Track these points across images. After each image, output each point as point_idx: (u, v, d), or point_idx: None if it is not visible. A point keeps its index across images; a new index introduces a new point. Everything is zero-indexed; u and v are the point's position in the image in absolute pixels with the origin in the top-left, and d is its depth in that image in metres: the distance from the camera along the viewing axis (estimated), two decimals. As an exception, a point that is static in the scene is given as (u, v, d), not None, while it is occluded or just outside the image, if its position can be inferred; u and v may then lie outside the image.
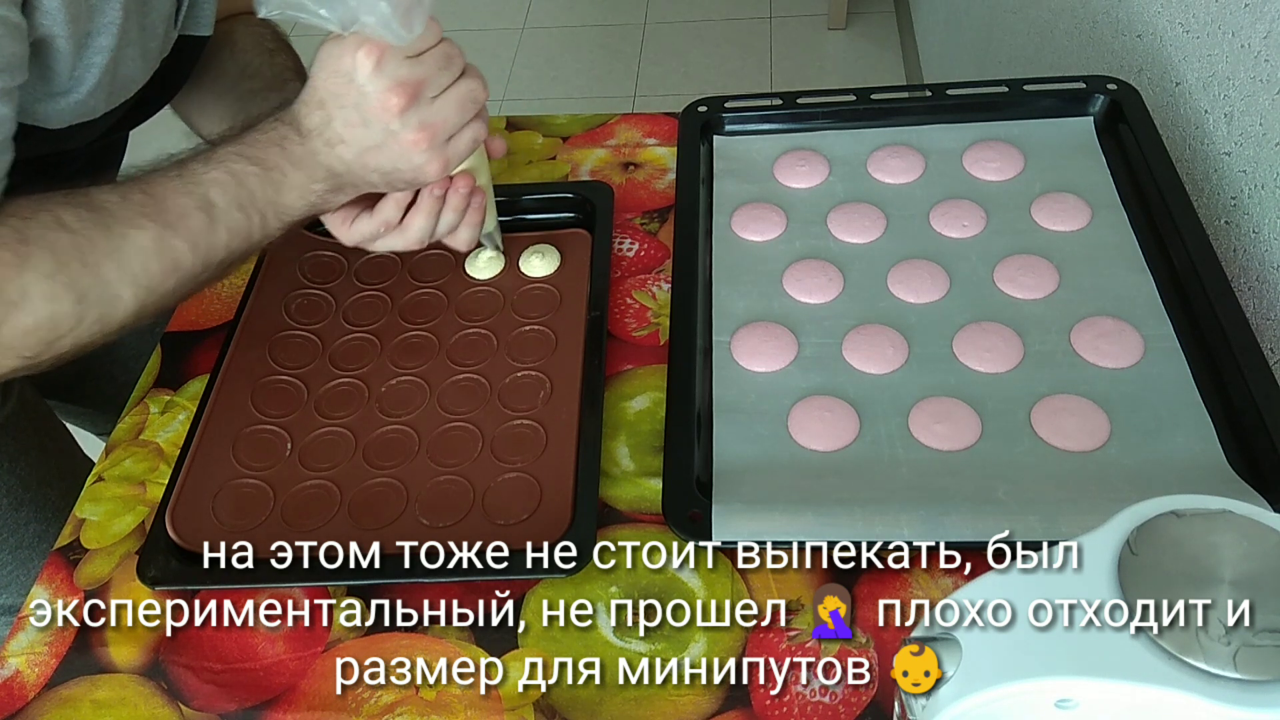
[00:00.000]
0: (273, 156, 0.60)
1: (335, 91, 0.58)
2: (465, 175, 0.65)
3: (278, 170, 0.60)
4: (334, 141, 0.59)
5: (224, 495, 0.66)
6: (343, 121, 0.59)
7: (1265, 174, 0.71)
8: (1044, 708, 0.38)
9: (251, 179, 0.59)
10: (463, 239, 0.68)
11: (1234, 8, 0.74)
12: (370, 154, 0.59)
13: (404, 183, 0.62)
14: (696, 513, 0.59)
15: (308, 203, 0.62)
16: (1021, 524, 0.56)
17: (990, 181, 0.79)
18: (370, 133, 0.59)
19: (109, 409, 1.01)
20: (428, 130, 0.59)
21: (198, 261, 0.59)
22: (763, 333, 0.70)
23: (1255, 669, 0.34)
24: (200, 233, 0.58)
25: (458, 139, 0.61)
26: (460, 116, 0.60)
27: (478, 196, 0.67)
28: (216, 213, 0.59)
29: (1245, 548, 0.37)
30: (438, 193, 0.64)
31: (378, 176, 0.61)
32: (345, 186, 0.62)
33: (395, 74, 0.57)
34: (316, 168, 0.60)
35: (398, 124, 0.58)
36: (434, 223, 0.65)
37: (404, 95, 0.57)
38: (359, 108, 0.58)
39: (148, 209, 0.57)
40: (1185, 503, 0.39)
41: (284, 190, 0.60)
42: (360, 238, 0.66)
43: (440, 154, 0.60)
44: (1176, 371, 0.64)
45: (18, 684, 0.59)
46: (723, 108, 0.85)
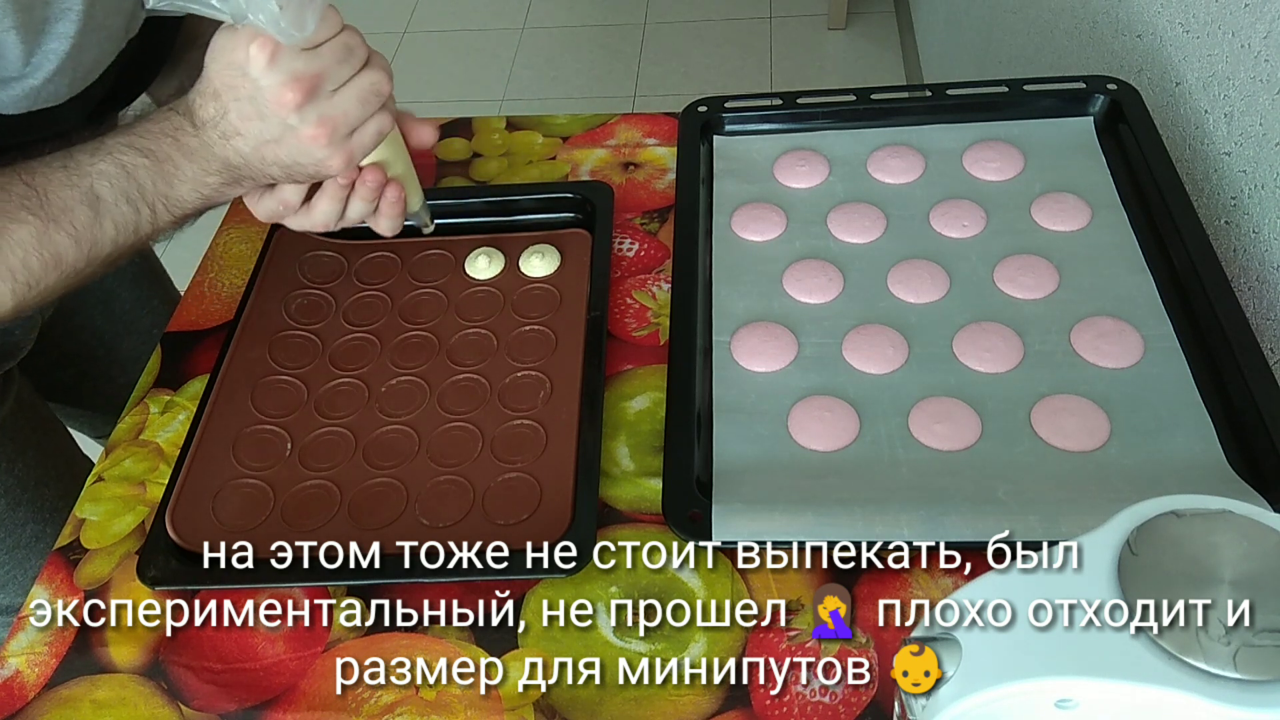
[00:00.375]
0: (164, 148, 0.58)
1: (229, 84, 0.56)
2: (374, 169, 0.63)
3: (169, 162, 0.58)
4: (229, 134, 0.57)
5: (224, 495, 0.66)
6: (238, 114, 0.57)
7: (1265, 174, 0.71)
8: (1044, 708, 0.38)
9: (141, 171, 0.57)
10: (383, 227, 0.67)
11: (1234, 8, 0.74)
12: (268, 148, 0.58)
13: (306, 176, 0.61)
14: (696, 513, 0.59)
15: (201, 195, 0.60)
16: (1021, 524, 0.56)
17: (990, 181, 0.79)
18: (267, 126, 0.57)
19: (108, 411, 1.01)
20: (327, 125, 0.57)
21: (81, 256, 0.57)
22: (763, 333, 0.70)
23: (1255, 669, 0.34)
24: (85, 227, 0.57)
25: (360, 132, 0.59)
26: (362, 110, 0.58)
27: (392, 189, 0.65)
28: (103, 206, 0.57)
29: (1245, 548, 0.37)
30: (342, 181, 0.63)
31: (278, 170, 0.59)
32: (243, 179, 0.60)
33: (291, 68, 0.55)
34: (211, 160, 0.58)
35: (295, 119, 0.56)
36: (340, 206, 0.64)
37: (300, 90, 0.55)
38: (254, 101, 0.56)
39: (29, 201, 0.55)
40: (1185, 503, 0.39)
41: (176, 183, 0.58)
42: (267, 214, 0.64)
43: (342, 148, 0.58)
44: (1176, 371, 0.64)
45: (18, 684, 0.59)
46: (723, 108, 0.85)
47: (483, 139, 0.92)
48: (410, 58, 2.56)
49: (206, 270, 0.84)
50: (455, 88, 2.46)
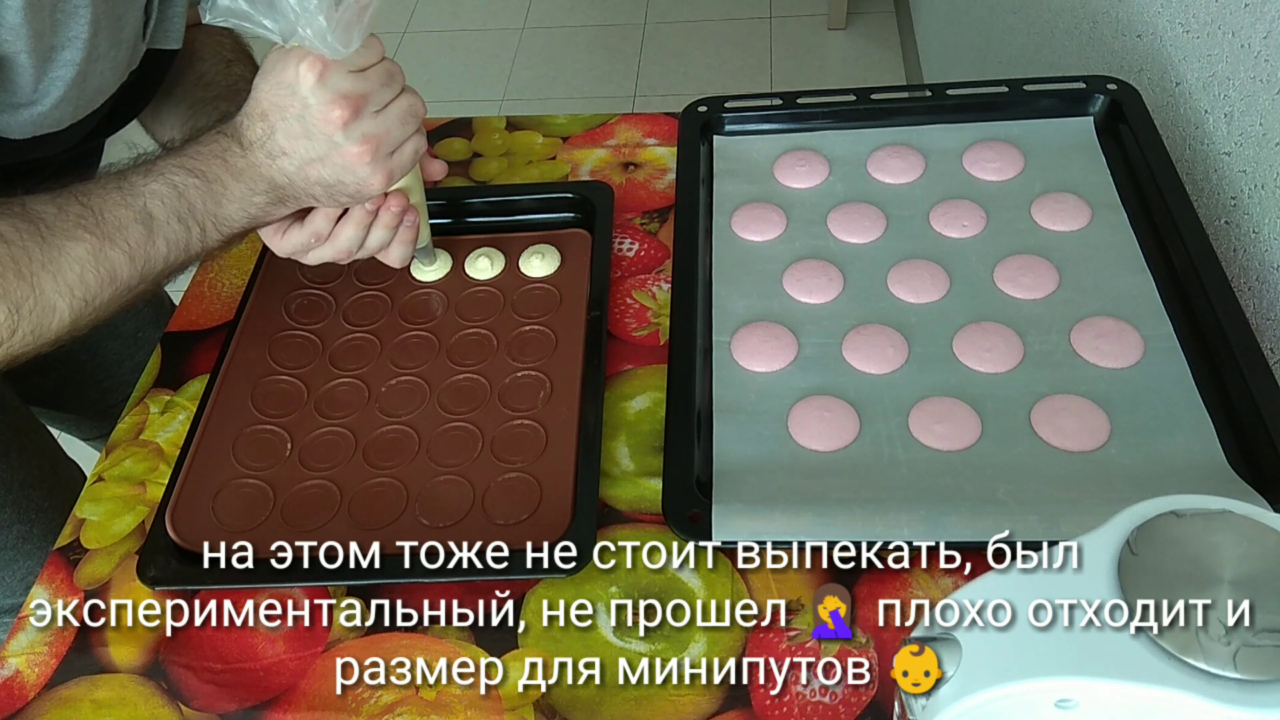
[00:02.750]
0: (214, 168, 0.60)
1: (278, 103, 0.59)
2: (398, 194, 0.66)
3: (219, 182, 0.60)
4: (276, 154, 0.60)
5: (224, 495, 0.66)
6: (285, 133, 0.59)
7: (1265, 174, 0.71)
8: (1044, 708, 0.38)
9: (192, 191, 0.59)
10: (395, 256, 0.69)
11: (1234, 8, 0.74)
12: (313, 166, 0.60)
13: (347, 196, 0.63)
14: (696, 513, 0.59)
15: (248, 215, 0.62)
16: (1021, 524, 0.56)
17: (990, 181, 0.79)
18: (313, 145, 0.59)
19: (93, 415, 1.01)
20: (371, 143, 0.59)
21: (135, 273, 0.59)
22: (763, 333, 0.70)
23: (1255, 669, 0.34)
24: (138, 245, 0.58)
25: (400, 152, 0.62)
26: (403, 130, 0.61)
27: (410, 215, 0.67)
28: (155, 225, 0.59)
29: (1245, 548, 0.37)
30: (370, 207, 0.65)
31: (320, 189, 0.62)
32: (287, 199, 0.62)
33: (338, 87, 0.58)
34: (258, 180, 0.61)
35: (341, 136, 0.59)
36: (364, 234, 0.66)
37: (347, 108, 0.58)
38: (302, 119, 0.58)
39: (85, 220, 0.57)
40: (1185, 503, 0.39)
41: (225, 202, 0.61)
42: (292, 249, 0.66)
43: (383, 167, 0.61)
44: (1176, 371, 0.64)
45: (18, 684, 0.59)
46: (723, 108, 0.85)
47: (483, 139, 0.92)
48: (410, 58, 2.56)
49: (206, 270, 0.84)
50: (455, 88, 2.46)
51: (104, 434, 1.04)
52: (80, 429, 1.05)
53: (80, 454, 0.99)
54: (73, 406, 1.01)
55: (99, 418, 1.02)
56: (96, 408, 1.00)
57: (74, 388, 0.98)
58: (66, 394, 0.99)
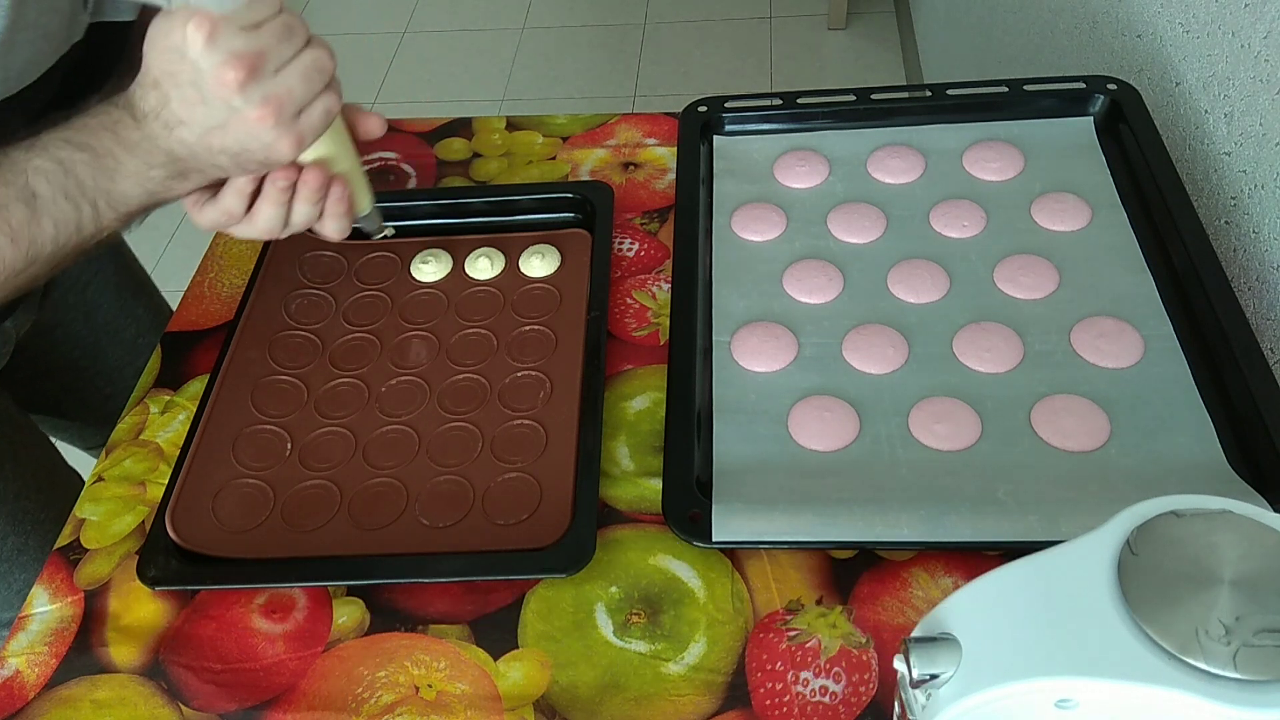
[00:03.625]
0: (104, 142, 0.55)
1: (169, 70, 0.53)
2: (315, 167, 0.60)
3: (110, 156, 0.55)
4: (172, 123, 0.55)
5: (224, 495, 0.66)
6: (180, 101, 0.54)
7: (1265, 174, 0.71)
8: (1044, 708, 0.38)
9: (80, 166, 0.55)
10: (330, 229, 0.63)
11: (1234, 8, 0.74)
12: (214, 134, 0.55)
13: (256, 164, 0.57)
14: (696, 513, 0.59)
15: (146, 190, 0.57)
16: (1021, 524, 0.56)
17: (990, 181, 0.79)
18: (211, 111, 0.54)
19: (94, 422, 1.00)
20: (273, 104, 0.54)
21: (19, 256, 0.55)
22: (763, 333, 0.70)
23: (1255, 669, 0.34)
24: (21, 225, 0.55)
25: (309, 112, 0.56)
26: (307, 88, 0.55)
27: (337, 186, 0.61)
28: (40, 204, 0.55)
29: (1245, 548, 0.37)
30: (282, 183, 0.59)
31: (226, 159, 0.56)
32: (189, 172, 0.57)
33: (230, 46, 0.52)
34: (155, 152, 0.56)
35: (239, 100, 0.53)
36: (283, 211, 0.60)
37: (242, 68, 0.52)
38: (196, 85, 0.53)
39: None
40: (1185, 503, 0.39)
41: (118, 177, 0.56)
42: (211, 224, 0.61)
43: (291, 129, 0.55)
44: (1176, 371, 0.64)
45: (18, 684, 0.59)
46: (723, 108, 0.85)
47: (483, 139, 0.92)
48: (410, 58, 2.56)
49: (206, 270, 0.84)
50: (455, 88, 2.46)
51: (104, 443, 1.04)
52: (82, 437, 1.04)
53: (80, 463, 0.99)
54: (75, 414, 1.00)
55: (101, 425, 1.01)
56: (98, 415, 0.99)
57: (76, 395, 0.98)
58: (69, 401, 0.98)
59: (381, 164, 0.90)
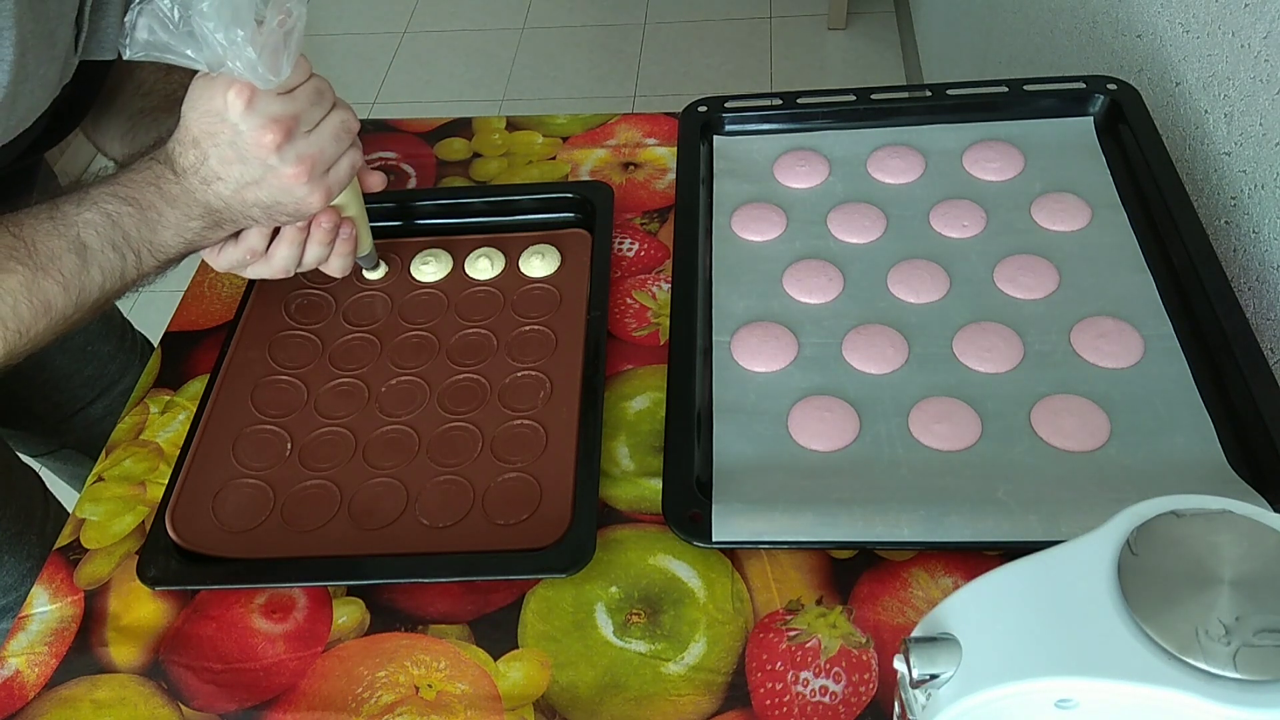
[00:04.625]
0: (148, 196, 0.60)
1: (209, 130, 0.58)
2: (330, 210, 0.66)
3: (153, 209, 0.60)
4: (210, 179, 0.60)
5: (224, 495, 0.66)
6: (218, 159, 0.59)
7: (1265, 174, 0.71)
8: (1044, 708, 0.38)
9: (126, 219, 0.59)
10: (334, 267, 0.70)
11: (1234, 8, 0.74)
12: (249, 190, 0.60)
13: (287, 216, 0.63)
14: (696, 513, 0.59)
15: (184, 240, 0.62)
16: (1021, 524, 0.56)
17: (990, 181, 0.79)
18: (248, 169, 0.59)
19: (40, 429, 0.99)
20: (306, 162, 0.60)
21: (70, 303, 0.59)
22: (763, 333, 0.70)
23: (1255, 669, 0.34)
24: (73, 274, 0.59)
25: (336, 169, 0.62)
26: (337, 147, 0.62)
27: (346, 228, 0.68)
28: (90, 254, 0.59)
29: (1245, 548, 0.37)
30: (302, 225, 0.66)
31: (259, 211, 0.62)
32: (224, 222, 0.62)
33: (268, 111, 0.58)
34: (193, 205, 0.60)
35: (275, 159, 0.59)
36: (299, 251, 0.66)
37: (279, 131, 0.58)
38: (234, 145, 0.58)
39: (18, 252, 0.57)
40: (1185, 503, 0.39)
41: (160, 229, 0.60)
42: (229, 265, 0.66)
43: (321, 184, 0.61)
44: (1176, 371, 0.64)
45: (18, 684, 0.59)
46: (723, 108, 0.85)
47: (483, 139, 0.92)
48: (410, 58, 2.56)
49: (206, 270, 0.83)
50: (455, 88, 2.46)
51: (52, 450, 1.03)
52: (28, 445, 1.03)
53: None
54: (19, 422, 0.99)
55: (47, 433, 1.01)
56: (45, 423, 0.99)
57: (21, 403, 0.97)
58: (13, 409, 0.97)
59: (381, 164, 0.90)
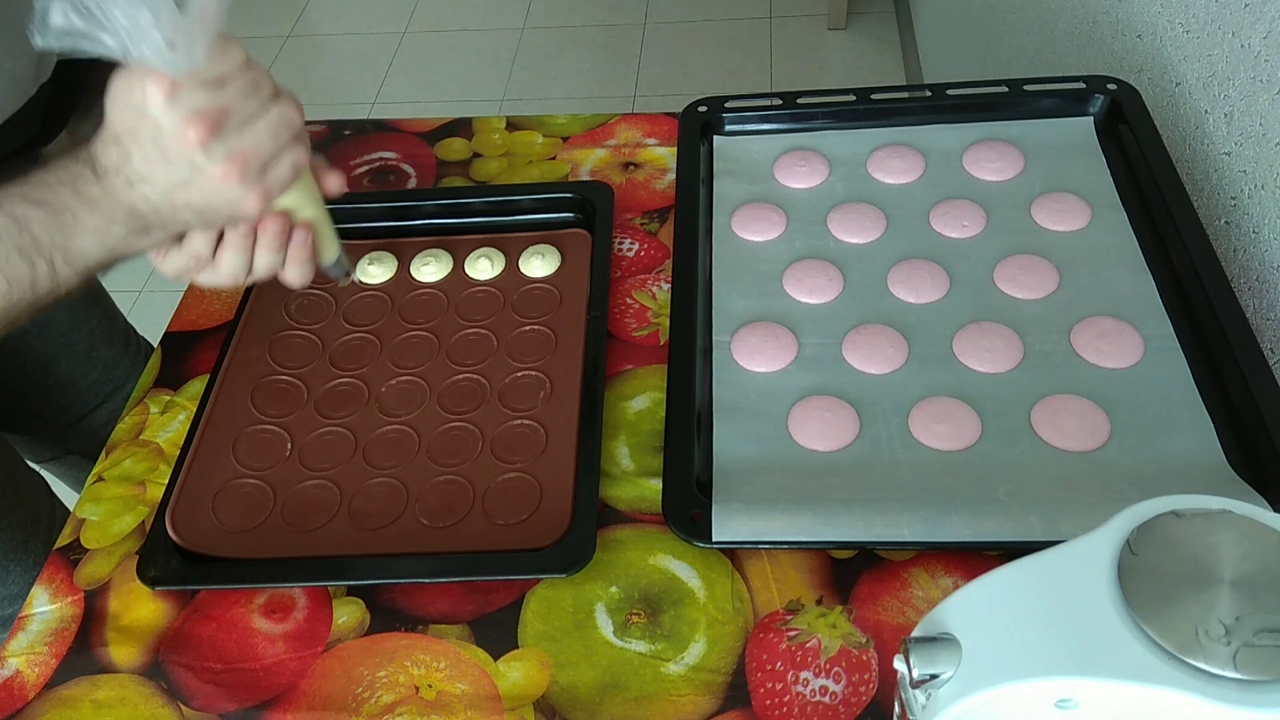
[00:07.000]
0: (62, 198, 0.54)
1: (130, 126, 0.52)
2: (275, 216, 0.59)
3: (68, 213, 0.54)
4: (135, 180, 0.53)
5: (224, 495, 0.66)
6: (142, 158, 0.53)
7: (1265, 174, 0.71)
8: (1044, 708, 0.38)
9: (36, 223, 0.54)
10: (290, 276, 0.62)
11: (1234, 8, 0.74)
12: (178, 192, 0.54)
13: (222, 219, 0.57)
14: (696, 513, 0.59)
15: (105, 246, 0.55)
16: (1021, 524, 0.56)
17: (990, 181, 0.79)
18: (174, 169, 0.53)
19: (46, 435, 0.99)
20: (237, 161, 0.53)
21: None
22: (763, 333, 0.70)
23: (1255, 669, 0.34)
24: None
25: (275, 167, 0.55)
26: (273, 143, 0.54)
27: (299, 233, 0.60)
28: None
29: (1245, 548, 0.37)
30: (242, 230, 0.59)
31: (191, 214, 0.55)
32: (152, 228, 0.56)
33: (192, 103, 0.51)
34: (115, 208, 0.54)
35: (201, 157, 0.52)
36: (245, 258, 0.59)
37: (203, 126, 0.51)
38: (157, 142, 0.52)
39: None
40: (1185, 503, 0.39)
41: (76, 234, 0.54)
42: (175, 271, 0.60)
43: (257, 185, 0.54)
44: (1176, 371, 0.64)
45: (18, 684, 0.59)
46: (723, 108, 0.85)
47: (483, 139, 0.92)
48: (410, 58, 2.56)
49: (206, 270, 0.83)
50: (455, 88, 2.46)
51: (57, 456, 1.02)
52: (34, 451, 1.01)
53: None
54: (24, 427, 0.98)
55: (53, 439, 1.00)
56: (51, 428, 0.98)
57: (27, 409, 0.96)
58: (18, 413, 0.96)
59: (381, 164, 0.90)
